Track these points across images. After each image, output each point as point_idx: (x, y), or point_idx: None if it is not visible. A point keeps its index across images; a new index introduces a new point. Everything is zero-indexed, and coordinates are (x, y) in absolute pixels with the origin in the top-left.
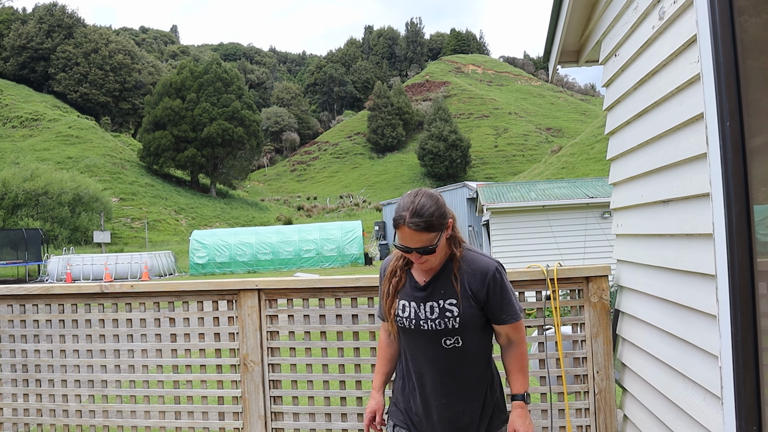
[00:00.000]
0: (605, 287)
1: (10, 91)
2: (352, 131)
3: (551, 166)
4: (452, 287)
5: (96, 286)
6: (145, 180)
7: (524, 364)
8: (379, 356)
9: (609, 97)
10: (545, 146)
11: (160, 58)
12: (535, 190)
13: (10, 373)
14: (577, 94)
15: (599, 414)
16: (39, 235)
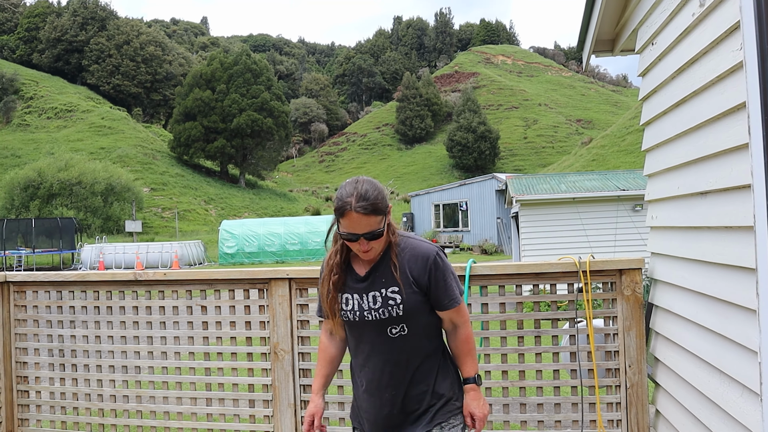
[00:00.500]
0: (638, 280)
1: (46, 83)
2: (380, 122)
3: (581, 158)
4: (392, 275)
5: (130, 274)
6: (176, 170)
7: (471, 346)
8: (320, 358)
9: (645, 87)
10: (575, 138)
11: (191, 50)
12: (565, 182)
13: (47, 357)
14: (608, 85)
15: (631, 408)
16: (73, 224)
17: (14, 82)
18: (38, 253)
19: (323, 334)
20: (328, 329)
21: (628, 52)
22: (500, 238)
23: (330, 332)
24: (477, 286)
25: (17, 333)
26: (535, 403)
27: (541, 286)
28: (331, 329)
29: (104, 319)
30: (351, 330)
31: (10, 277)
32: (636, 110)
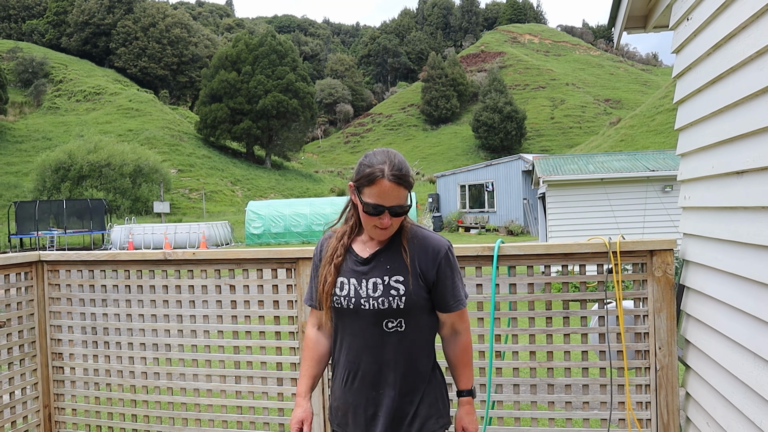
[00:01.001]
0: (670, 261)
1: (74, 66)
2: (405, 103)
3: (609, 139)
4: (401, 262)
5: (159, 253)
6: (202, 152)
7: (470, 356)
8: (306, 357)
9: (679, 64)
10: (603, 118)
11: (216, 32)
12: (593, 163)
13: (81, 335)
14: (638, 63)
15: (660, 391)
16: (102, 205)
17: (44, 66)
18: (69, 234)
19: (310, 328)
20: (316, 322)
21: (662, 28)
22: (526, 219)
23: (319, 325)
24: (505, 267)
25: (51, 311)
26: (563, 384)
27: (570, 266)
28: (320, 322)
29: (135, 298)
30: (341, 319)
31: (44, 257)
32: (666, 89)
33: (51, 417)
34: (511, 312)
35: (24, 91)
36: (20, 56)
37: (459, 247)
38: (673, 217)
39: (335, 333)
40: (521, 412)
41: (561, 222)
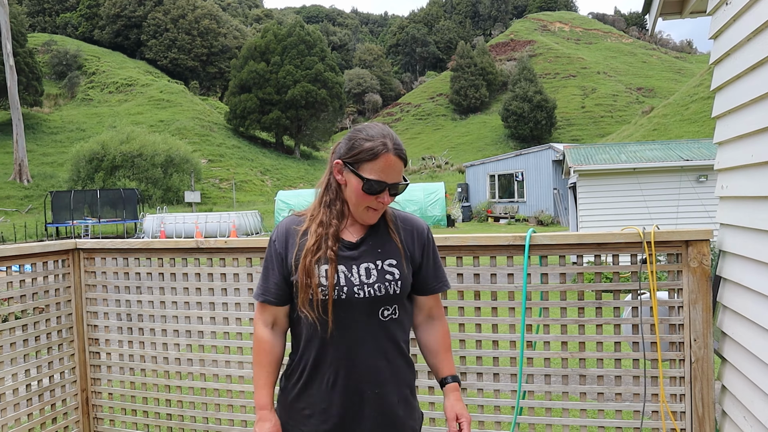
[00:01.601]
0: (706, 252)
1: (107, 58)
2: (434, 92)
3: (642, 128)
4: (392, 244)
5: (192, 242)
6: (232, 142)
7: (450, 342)
8: (263, 362)
9: (717, 50)
10: (635, 107)
11: (245, 22)
12: (625, 152)
13: (116, 321)
14: (671, 51)
15: (695, 383)
16: (135, 194)
17: (77, 58)
18: (103, 223)
19: (262, 329)
20: (269, 320)
21: (698, 13)
22: (556, 209)
23: (272, 324)
24: (536, 256)
25: (88, 297)
26: (595, 375)
27: (603, 256)
28: (274, 319)
29: (168, 285)
30: (323, 311)
31: (80, 244)
32: (701, 77)
33: (88, 400)
34: (542, 302)
35: (58, 84)
36: (55, 49)
37: (490, 236)
38: (707, 207)
39: (315, 327)
40: (552, 403)
41: (592, 212)
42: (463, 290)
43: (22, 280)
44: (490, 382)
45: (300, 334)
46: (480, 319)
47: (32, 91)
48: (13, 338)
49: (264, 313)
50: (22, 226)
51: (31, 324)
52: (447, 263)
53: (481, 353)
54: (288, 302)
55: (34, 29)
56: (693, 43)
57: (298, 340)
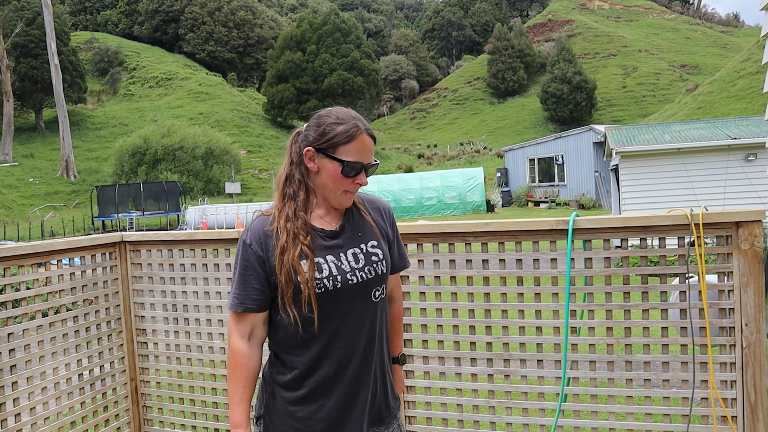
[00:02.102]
0: (758, 233)
1: (146, 53)
2: (471, 76)
3: (686, 107)
4: (369, 226)
5: (234, 232)
6: (270, 132)
7: (401, 325)
8: (239, 377)
9: None
10: (679, 85)
11: (280, 12)
12: (669, 132)
13: (162, 312)
14: (716, 26)
15: (747, 369)
16: (177, 187)
17: (118, 55)
18: (147, 215)
19: (237, 341)
20: (245, 332)
21: None
22: (598, 192)
23: (249, 335)
24: (580, 240)
25: (134, 289)
26: (642, 361)
27: (649, 240)
28: (251, 330)
29: (212, 276)
30: (323, 305)
31: (126, 237)
32: (749, 52)
33: (137, 389)
34: (587, 287)
35: (101, 80)
36: (96, 46)
37: (532, 221)
38: (757, 187)
39: (302, 330)
40: (597, 389)
41: (635, 195)
42: (506, 276)
43: (72, 272)
44: (534, 368)
45: (287, 339)
46: (523, 305)
47: (76, 88)
48: (65, 329)
49: (241, 324)
50: (70, 220)
51: (82, 315)
52: (489, 249)
53: (524, 339)
54: (268, 308)
55: (77, 28)
56: (740, 16)
57: (289, 345)
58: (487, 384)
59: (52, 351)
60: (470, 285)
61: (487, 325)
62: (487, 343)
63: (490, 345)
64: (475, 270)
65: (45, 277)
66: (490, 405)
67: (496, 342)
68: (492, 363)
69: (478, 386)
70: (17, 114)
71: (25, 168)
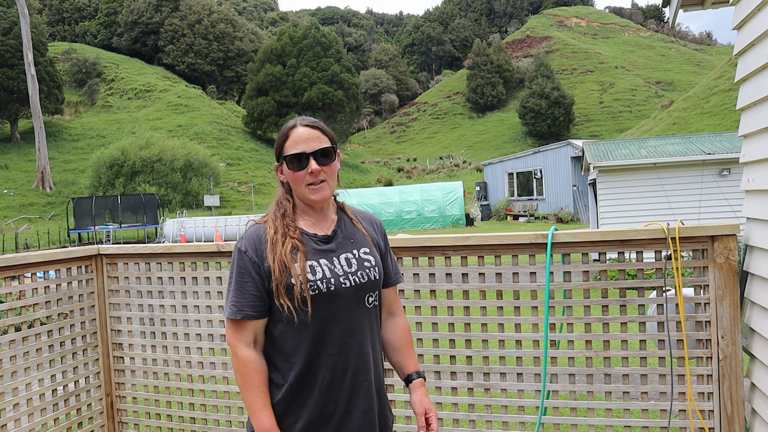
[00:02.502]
0: (733, 247)
1: (125, 65)
2: (451, 91)
3: (661, 122)
4: (360, 234)
5: (213, 246)
6: (250, 145)
7: (411, 338)
8: (255, 383)
9: (741, 41)
10: (655, 101)
11: (261, 26)
12: (645, 147)
13: (139, 326)
14: (690, 43)
15: (723, 381)
16: (155, 199)
17: (97, 66)
18: (124, 228)
19: (244, 349)
20: (249, 340)
21: (721, 4)
22: (576, 206)
23: (254, 342)
24: (559, 254)
25: (111, 303)
26: (621, 374)
27: (627, 253)
28: (254, 338)
29: (190, 290)
30: (317, 308)
31: (103, 250)
32: (722, 69)
33: (113, 405)
34: (565, 300)
35: (78, 91)
36: (74, 57)
37: (511, 234)
38: (731, 201)
39: (296, 334)
40: (577, 402)
41: (613, 209)
42: (485, 290)
43: (46, 286)
44: (514, 382)
45: (282, 347)
46: (503, 318)
47: (53, 99)
48: (39, 344)
49: (244, 332)
50: (46, 232)
51: (56, 329)
52: (469, 263)
53: (504, 353)
54: (267, 315)
55: (54, 38)
56: (713, 35)
57: (283, 352)
58: (467, 398)
59: (26, 366)
60: (450, 299)
61: (467, 339)
62: (467, 357)
63: (470, 359)
64: (454, 284)
65: (19, 291)
66: (470, 419)
67: (476, 355)
68: (472, 376)
69: (458, 400)
70: None
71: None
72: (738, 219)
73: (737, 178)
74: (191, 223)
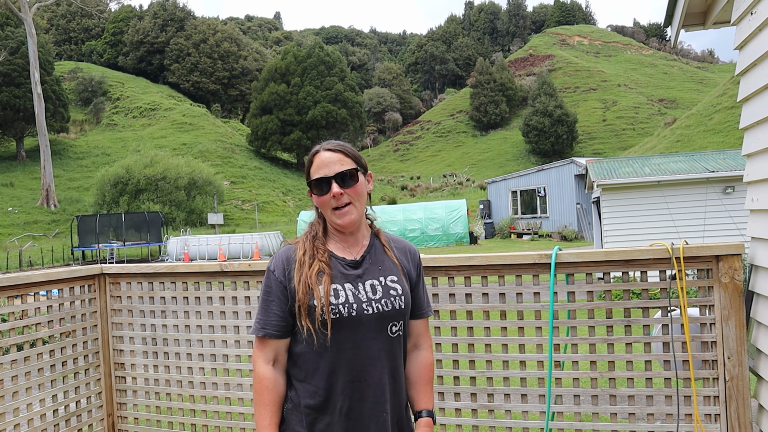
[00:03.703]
0: (738, 267)
1: (131, 83)
2: (454, 109)
3: (665, 140)
4: (390, 262)
5: (216, 265)
6: (254, 163)
7: (432, 375)
8: (266, 401)
9: (743, 61)
10: (658, 119)
11: (265, 45)
12: (649, 165)
13: (141, 345)
14: (693, 61)
15: (730, 402)
16: (159, 217)
17: (102, 85)
18: (128, 246)
19: (263, 366)
20: (270, 356)
21: (722, 24)
22: (580, 224)
23: (274, 360)
24: (563, 274)
25: (113, 322)
26: (626, 394)
27: (631, 273)
28: (275, 355)
29: (193, 309)
30: (338, 333)
31: (106, 269)
32: (725, 87)
33: (114, 425)
34: (570, 321)
35: (84, 110)
36: (80, 76)
37: (515, 254)
38: (735, 219)
39: (320, 353)
40: (582, 424)
41: (617, 227)
42: (489, 310)
43: (49, 305)
44: (518, 403)
45: (302, 367)
46: (507, 339)
47: (59, 117)
48: (41, 363)
49: (265, 349)
50: (50, 250)
51: (58, 349)
52: (472, 282)
53: (508, 374)
54: (290, 335)
55: (61, 57)
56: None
57: (302, 373)
58: (471, 419)
59: (27, 386)
60: (453, 319)
61: (470, 360)
62: (470, 378)
63: (474, 379)
64: (458, 304)
65: (21, 310)
66: None
67: (479, 376)
68: (476, 397)
69: (462, 421)
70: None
71: (4, 197)
72: (743, 237)
73: (741, 196)
74: (195, 241)
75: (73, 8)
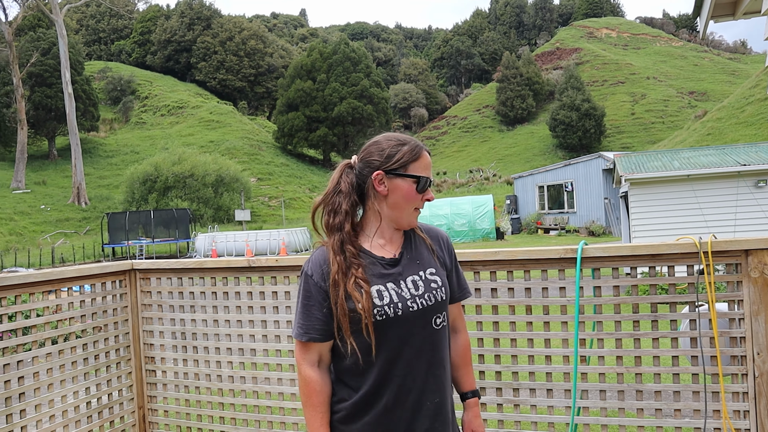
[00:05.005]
0: (767, 261)
1: (159, 82)
2: (480, 104)
3: (695, 133)
4: (427, 254)
5: (244, 261)
6: (281, 160)
7: (470, 356)
8: (315, 403)
9: None
10: (688, 111)
11: (291, 42)
12: (678, 159)
13: (171, 339)
14: (724, 53)
15: (760, 399)
16: (187, 214)
17: (131, 84)
18: (157, 243)
19: (308, 369)
20: (314, 360)
21: (753, 14)
22: (608, 219)
23: (318, 362)
24: (589, 269)
25: (144, 317)
26: (653, 390)
27: (658, 268)
28: (319, 358)
29: (221, 304)
30: (383, 332)
31: (136, 265)
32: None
33: (145, 418)
34: (596, 315)
35: (113, 108)
36: (109, 75)
37: (541, 249)
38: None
39: (365, 351)
40: (608, 419)
41: (645, 222)
42: (515, 305)
43: (82, 300)
44: (544, 398)
45: (347, 367)
46: (532, 333)
47: (89, 116)
48: (74, 357)
49: (309, 353)
50: (81, 247)
51: (91, 343)
52: (498, 277)
53: (533, 368)
54: (332, 336)
55: (91, 57)
56: (747, 43)
57: (349, 373)
58: (496, 413)
59: (61, 378)
60: (479, 314)
61: (496, 354)
62: (496, 372)
63: (499, 374)
64: (483, 299)
65: (55, 305)
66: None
67: (505, 371)
68: (501, 392)
69: (487, 416)
70: (30, 142)
71: (37, 195)
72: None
73: None
74: (222, 238)
75: (102, 9)
